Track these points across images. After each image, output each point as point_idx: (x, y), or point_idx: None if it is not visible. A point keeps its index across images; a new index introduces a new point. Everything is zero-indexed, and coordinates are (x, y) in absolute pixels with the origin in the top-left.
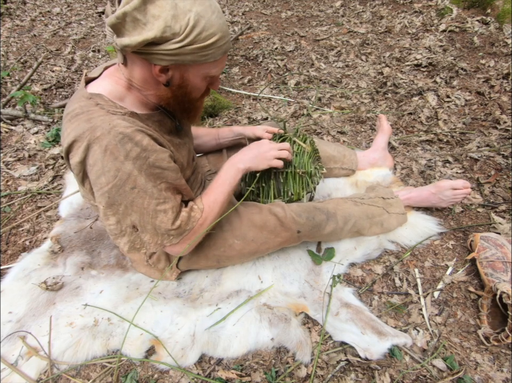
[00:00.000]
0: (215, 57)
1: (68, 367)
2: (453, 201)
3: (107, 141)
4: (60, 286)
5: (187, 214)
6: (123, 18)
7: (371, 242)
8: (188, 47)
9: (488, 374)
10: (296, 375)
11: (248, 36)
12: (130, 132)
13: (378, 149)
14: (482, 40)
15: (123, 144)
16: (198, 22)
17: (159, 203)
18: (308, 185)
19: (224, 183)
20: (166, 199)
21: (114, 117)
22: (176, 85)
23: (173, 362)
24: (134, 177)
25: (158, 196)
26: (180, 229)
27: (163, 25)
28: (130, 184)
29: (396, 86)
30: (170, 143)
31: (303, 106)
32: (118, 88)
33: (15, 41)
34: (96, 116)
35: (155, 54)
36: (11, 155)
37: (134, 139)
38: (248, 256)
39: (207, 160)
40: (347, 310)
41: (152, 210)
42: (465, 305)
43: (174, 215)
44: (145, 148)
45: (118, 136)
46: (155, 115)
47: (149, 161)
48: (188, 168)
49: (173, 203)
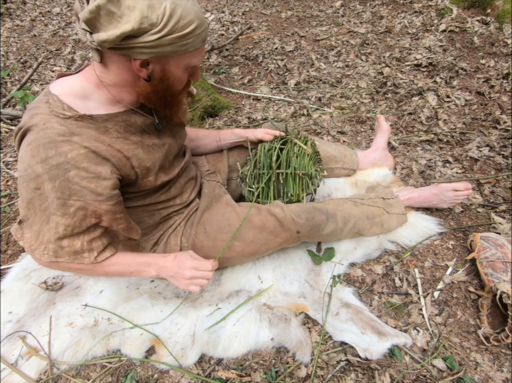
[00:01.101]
0: (195, 46)
1: (68, 367)
2: (454, 202)
3: (33, 138)
4: (60, 286)
5: (80, 248)
6: (97, 12)
7: (371, 242)
8: (167, 37)
9: (488, 374)
10: (296, 375)
11: (248, 36)
12: (59, 140)
13: (378, 148)
14: (482, 40)
15: (46, 148)
16: (175, 11)
17: (56, 214)
18: (308, 187)
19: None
20: (66, 215)
21: (53, 119)
22: (157, 79)
23: (173, 362)
24: (41, 181)
25: (57, 209)
26: (61, 250)
27: (139, 16)
28: (35, 184)
29: (396, 86)
30: (138, 144)
31: (303, 106)
32: (86, 84)
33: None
34: (39, 112)
35: (134, 48)
36: (12, 155)
37: (60, 148)
38: (248, 257)
39: (206, 160)
40: (347, 310)
41: (47, 215)
42: (465, 305)
43: (64, 233)
44: (68, 161)
45: (45, 139)
46: (119, 115)
47: (68, 175)
48: (160, 172)
49: (71, 222)
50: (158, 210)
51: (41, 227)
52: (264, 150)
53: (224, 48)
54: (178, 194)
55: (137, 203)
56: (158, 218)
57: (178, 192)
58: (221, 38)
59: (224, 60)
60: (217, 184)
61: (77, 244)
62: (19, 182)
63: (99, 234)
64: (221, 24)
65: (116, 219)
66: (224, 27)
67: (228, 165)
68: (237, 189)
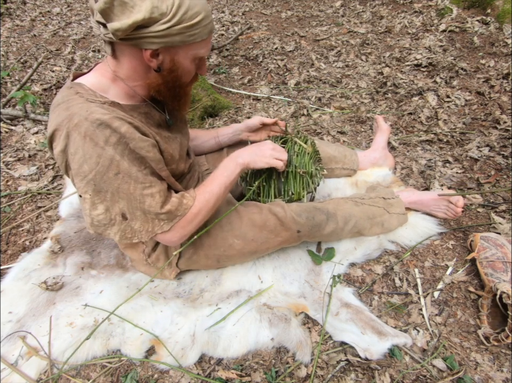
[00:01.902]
0: (202, 36)
1: (68, 367)
2: (447, 213)
3: (85, 127)
4: (60, 286)
5: (178, 199)
6: (111, 2)
7: (371, 242)
8: (176, 26)
9: (488, 374)
10: (296, 375)
11: (248, 36)
12: (107, 118)
13: (378, 148)
14: (482, 40)
15: (101, 130)
16: (183, 1)
17: (145, 187)
18: (309, 185)
19: (221, 175)
20: (153, 183)
21: (92, 104)
22: (167, 69)
23: (173, 362)
24: (117, 163)
25: (144, 180)
26: (170, 213)
27: (150, 6)
28: (114, 170)
29: (396, 86)
30: (158, 135)
31: (303, 106)
32: (103, 79)
33: (15, 41)
34: (74, 104)
35: (144, 38)
36: (12, 155)
37: (112, 125)
38: (248, 255)
39: (205, 159)
40: (347, 310)
41: (139, 194)
42: (465, 305)
43: (162, 198)
44: (124, 135)
45: (96, 123)
46: (141, 107)
47: (130, 147)
48: (181, 161)
49: (159, 187)
50: None
51: (143, 208)
52: None
53: (224, 48)
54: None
55: None
56: None
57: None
58: (221, 38)
59: (224, 60)
60: None
61: (175, 200)
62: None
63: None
64: (221, 24)
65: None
66: (224, 27)
67: None
68: (237, 189)
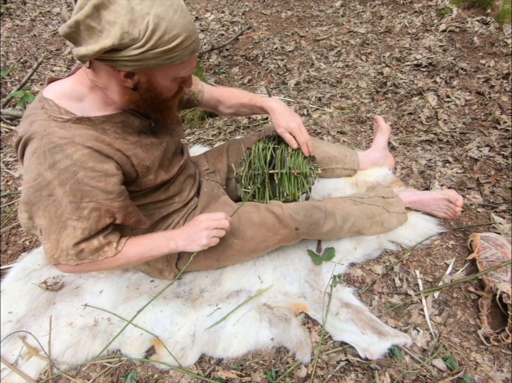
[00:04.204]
0: (182, 59)
1: (68, 367)
2: (447, 213)
3: (36, 145)
4: (60, 286)
5: (99, 244)
6: (76, 27)
7: (371, 242)
8: (150, 51)
9: (488, 374)
10: (296, 375)
11: (248, 36)
12: (62, 143)
13: (378, 148)
14: (482, 40)
15: (52, 153)
16: (159, 25)
17: (72, 219)
18: (303, 185)
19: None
20: (81, 219)
21: (52, 124)
22: (144, 88)
23: (173, 362)
24: (53, 187)
25: (72, 213)
26: (81, 253)
27: (119, 32)
28: (47, 191)
29: (396, 86)
30: (137, 144)
31: (303, 106)
32: (79, 87)
33: (15, 41)
34: (37, 119)
35: (117, 61)
36: (12, 155)
37: (65, 151)
38: (247, 254)
39: (205, 160)
40: (347, 310)
41: (63, 221)
42: (465, 305)
43: (82, 236)
44: (75, 162)
45: (50, 145)
46: (116, 116)
47: (78, 177)
48: (160, 170)
49: (87, 225)
50: (158, 209)
51: (59, 235)
52: (258, 150)
53: (224, 48)
54: (177, 193)
55: (137, 202)
56: (158, 217)
57: (178, 190)
58: (221, 38)
59: (224, 60)
60: (216, 184)
61: (95, 243)
62: (29, 193)
63: (111, 228)
64: (221, 24)
65: (129, 214)
66: (224, 27)
67: (227, 165)
68: (235, 189)
